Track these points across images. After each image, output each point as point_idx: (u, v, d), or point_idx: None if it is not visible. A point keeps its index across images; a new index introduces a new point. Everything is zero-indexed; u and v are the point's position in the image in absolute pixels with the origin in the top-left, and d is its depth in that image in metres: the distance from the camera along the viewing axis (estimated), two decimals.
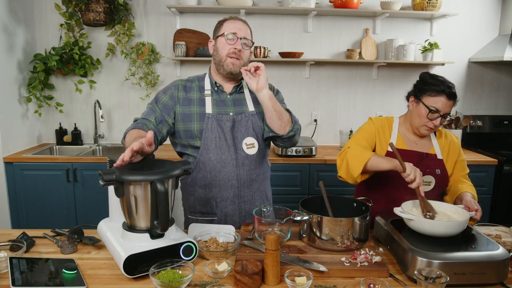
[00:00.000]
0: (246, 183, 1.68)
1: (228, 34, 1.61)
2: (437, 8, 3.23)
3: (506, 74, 3.60)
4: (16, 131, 3.06)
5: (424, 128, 1.69)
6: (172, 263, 1.17)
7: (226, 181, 1.66)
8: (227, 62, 1.63)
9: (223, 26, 1.66)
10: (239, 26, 1.64)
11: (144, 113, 1.66)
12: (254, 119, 1.69)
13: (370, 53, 3.41)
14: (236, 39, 1.62)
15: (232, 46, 1.62)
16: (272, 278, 1.17)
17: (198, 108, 1.66)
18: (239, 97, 1.72)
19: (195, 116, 1.65)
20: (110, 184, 1.18)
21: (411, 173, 1.44)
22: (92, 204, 2.94)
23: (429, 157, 1.72)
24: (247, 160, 1.66)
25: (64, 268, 1.19)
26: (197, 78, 1.75)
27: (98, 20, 3.08)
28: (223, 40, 1.63)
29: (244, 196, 1.70)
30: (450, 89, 1.62)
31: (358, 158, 1.60)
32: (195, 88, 1.71)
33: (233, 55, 1.62)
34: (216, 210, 1.69)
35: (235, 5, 3.13)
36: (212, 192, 1.67)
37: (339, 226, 1.34)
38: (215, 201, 1.68)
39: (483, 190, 3.06)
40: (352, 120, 3.58)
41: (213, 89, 1.70)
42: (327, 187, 1.59)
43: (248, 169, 1.67)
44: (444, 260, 1.16)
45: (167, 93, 1.69)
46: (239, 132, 1.66)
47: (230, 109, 1.68)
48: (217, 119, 1.64)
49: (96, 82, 3.40)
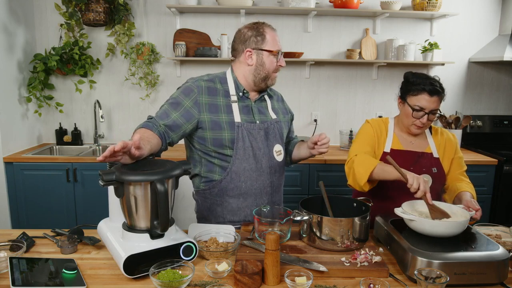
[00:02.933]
0: (277, 188, 1.73)
1: (279, 51, 1.63)
2: (437, 8, 3.23)
3: (506, 74, 3.60)
4: (16, 131, 3.06)
5: (413, 127, 1.69)
6: (172, 263, 1.17)
7: (262, 189, 1.66)
8: (272, 77, 1.65)
9: (266, 39, 1.61)
10: (277, 37, 1.65)
11: (158, 113, 1.57)
12: (279, 126, 1.72)
13: (370, 53, 3.41)
14: (281, 54, 1.64)
15: (279, 63, 1.64)
16: (272, 278, 1.17)
17: (227, 116, 1.60)
18: (262, 105, 1.72)
19: (225, 125, 1.59)
20: (110, 184, 1.19)
21: (413, 183, 1.42)
22: (92, 204, 2.94)
23: (425, 156, 1.73)
24: (278, 167, 1.70)
25: (64, 268, 1.19)
26: (219, 80, 1.66)
27: (98, 20, 3.08)
28: (272, 57, 1.62)
29: (276, 202, 1.73)
30: (431, 86, 1.61)
31: (364, 167, 1.60)
32: (220, 92, 1.63)
33: (277, 70, 1.66)
34: (248, 218, 1.67)
35: (235, 5, 3.13)
36: (247, 201, 1.66)
37: (339, 226, 1.34)
38: (250, 210, 1.66)
39: (483, 190, 3.06)
40: (352, 120, 3.58)
41: (239, 95, 1.65)
42: (327, 187, 1.59)
43: (279, 175, 1.72)
44: (444, 260, 1.16)
45: (191, 97, 1.58)
46: (270, 140, 1.67)
47: (256, 117, 1.66)
48: (247, 129, 1.61)
49: (96, 82, 3.40)
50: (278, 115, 1.75)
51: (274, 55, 1.62)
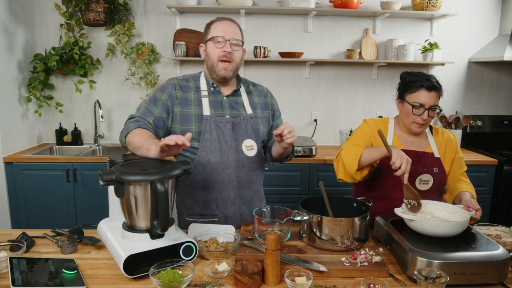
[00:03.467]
0: (246, 184, 1.69)
1: (217, 37, 1.59)
2: (437, 8, 3.23)
3: (506, 74, 3.60)
4: (16, 131, 3.06)
5: (414, 126, 1.69)
6: (172, 263, 1.17)
7: (227, 183, 1.65)
8: (219, 67, 1.61)
9: (210, 29, 1.63)
10: (227, 27, 1.61)
11: (140, 111, 1.60)
12: (253, 121, 1.70)
13: (370, 53, 3.41)
14: (225, 41, 1.59)
15: (222, 49, 1.59)
16: (272, 278, 1.17)
17: (196, 109, 1.64)
18: (236, 100, 1.71)
19: (193, 117, 1.63)
20: (110, 184, 1.19)
21: (396, 160, 1.44)
22: (92, 204, 2.94)
23: (426, 156, 1.73)
24: (247, 162, 1.67)
25: (64, 268, 1.19)
26: (192, 78, 1.72)
27: (98, 20, 3.08)
28: (212, 44, 1.60)
29: (244, 197, 1.70)
30: (429, 81, 1.64)
31: (351, 154, 1.62)
32: (192, 88, 1.68)
33: (223, 58, 1.59)
34: (216, 212, 1.69)
35: (235, 5, 3.13)
36: (213, 194, 1.67)
37: (339, 226, 1.34)
38: (215, 203, 1.68)
39: (483, 190, 3.06)
40: (352, 120, 3.58)
41: (210, 90, 1.69)
42: (327, 187, 1.59)
43: (248, 170, 1.68)
44: (444, 260, 1.16)
45: (166, 92, 1.64)
46: (239, 134, 1.66)
47: (227, 111, 1.67)
48: (215, 122, 1.63)
49: (96, 82, 3.40)
50: (256, 110, 1.72)
51: (215, 42, 1.59)
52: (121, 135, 1.56)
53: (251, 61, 3.41)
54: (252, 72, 3.44)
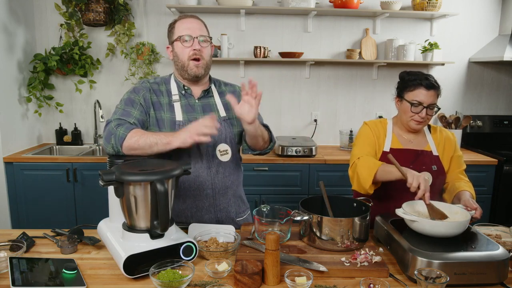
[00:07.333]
0: (222, 191, 1.63)
1: (184, 36, 1.54)
2: (437, 8, 3.23)
3: (506, 74, 3.60)
4: (16, 131, 3.06)
5: (413, 123, 1.70)
6: (172, 263, 1.17)
7: (201, 191, 1.59)
8: (190, 66, 1.56)
9: (175, 29, 1.58)
10: (192, 24, 1.56)
11: (117, 115, 1.51)
12: (226, 124, 1.63)
13: (370, 53, 3.41)
14: (193, 39, 1.54)
15: (191, 48, 1.54)
16: (272, 278, 1.17)
17: (169, 115, 1.57)
18: (208, 102, 1.65)
19: (166, 123, 1.56)
20: (110, 184, 1.19)
21: (413, 181, 1.41)
22: (92, 204, 2.94)
23: (424, 154, 1.73)
24: (221, 167, 1.61)
25: (64, 268, 1.19)
26: (163, 81, 1.65)
27: (98, 20, 3.08)
28: (180, 44, 1.56)
29: (220, 205, 1.64)
30: (427, 80, 1.66)
31: (367, 170, 1.61)
32: (163, 92, 1.62)
33: (194, 56, 1.55)
34: (191, 220, 1.60)
35: (235, 5, 3.13)
36: (186, 202, 1.61)
37: (339, 226, 1.34)
38: (190, 212, 1.62)
39: (483, 190, 3.06)
40: (352, 120, 3.58)
41: (181, 93, 1.62)
42: (327, 187, 1.59)
43: (222, 176, 1.61)
44: (444, 260, 1.16)
45: (140, 94, 1.57)
46: (212, 139, 1.49)
47: (199, 115, 1.59)
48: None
49: (96, 82, 3.40)
50: (229, 112, 1.64)
51: (183, 42, 1.54)
52: (114, 144, 1.43)
53: (251, 61, 3.41)
54: (252, 72, 3.44)
